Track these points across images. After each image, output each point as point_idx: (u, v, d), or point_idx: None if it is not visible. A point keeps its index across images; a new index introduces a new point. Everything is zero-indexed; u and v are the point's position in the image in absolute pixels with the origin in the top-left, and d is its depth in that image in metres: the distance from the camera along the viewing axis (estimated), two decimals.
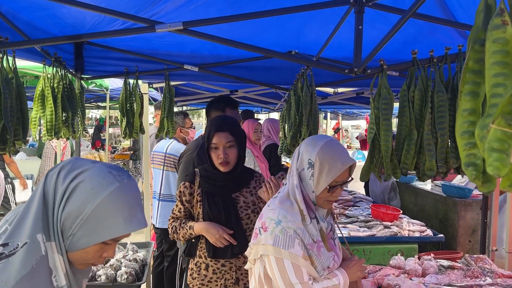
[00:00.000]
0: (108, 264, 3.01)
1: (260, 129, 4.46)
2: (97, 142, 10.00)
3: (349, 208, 5.31)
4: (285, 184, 1.84)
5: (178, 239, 2.47)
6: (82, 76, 3.42)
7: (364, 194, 6.47)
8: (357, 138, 12.54)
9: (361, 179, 1.97)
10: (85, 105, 10.33)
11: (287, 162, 7.94)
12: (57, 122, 2.72)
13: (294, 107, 2.93)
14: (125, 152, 9.33)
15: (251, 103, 7.21)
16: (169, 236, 2.53)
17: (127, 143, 10.88)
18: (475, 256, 3.23)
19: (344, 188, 6.50)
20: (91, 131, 12.13)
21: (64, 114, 2.89)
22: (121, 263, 3.02)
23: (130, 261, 3.11)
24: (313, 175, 1.71)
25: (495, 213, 3.84)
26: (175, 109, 5.00)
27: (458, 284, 2.72)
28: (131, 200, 1.14)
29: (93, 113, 14.82)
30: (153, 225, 4.30)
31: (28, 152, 8.88)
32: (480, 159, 0.92)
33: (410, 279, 2.87)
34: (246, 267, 1.90)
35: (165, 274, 4.12)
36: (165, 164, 3.98)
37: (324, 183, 1.70)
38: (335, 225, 2.01)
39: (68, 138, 2.98)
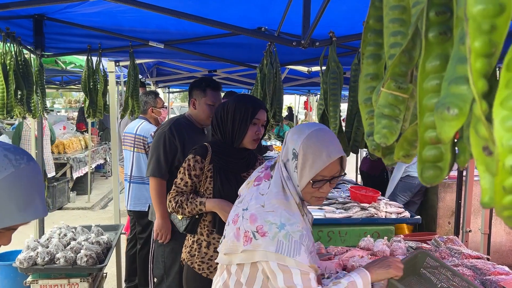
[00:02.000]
0: (68, 247, 2.94)
1: None
2: (81, 125, 9.87)
3: (330, 190, 5.24)
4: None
5: (182, 213, 2.38)
6: (43, 53, 3.29)
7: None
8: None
9: None
10: (68, 87, 10.16)
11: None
12: (9, 100, 2.61)
13: (259, 85, 2.83)
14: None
15: (235, 84, 7.08)
16: (170, 209, 2.43)
17: None
18: (445, 237, 3.18)
19: None
20: (76, 113, 11.98)
21: (19, 93, 2.77)
22: (82, 245, 2.94)
23: (92, 243, 3.04)
24: (297, 167, 1.53)
25: (469, 194, 3.79)
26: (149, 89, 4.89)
27: None
28: (28, 187, 1.06)
29: (76, 94, 14.57)
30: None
31: (10, 135, 8.75)
32: None
33: None
34: (221, 261, 1.71)
35: (138, 256, 4.06)
36: (135, 146, 3.88)
37: (307, 176, 1.51)
38: None
39: (24, 117, 2.87)
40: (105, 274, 3.52)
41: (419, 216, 4.26)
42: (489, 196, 0.45)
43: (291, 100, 17.44)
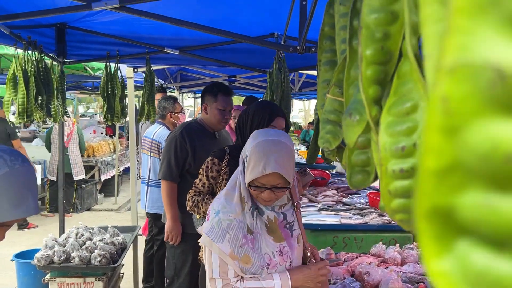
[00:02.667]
0: (84, 247, 3.04)
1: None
2: (108, 129, 10.15)
3: (349, 196, 5.18)
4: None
5: (198, 213, 2.48)
6: (65, 60, 3.44)
7: None
8: None
9: (308, 161, 1.88)
10: (98, 92, 10.48)
11: None
12: (29, 105, 2.74)
13: (269, 90, 2.86)
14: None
15: (255, 89, 7.13)
16: (188, 208, 2.53)
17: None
18: None
19: None
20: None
21: (39, 98, 2.91)
22: (97, 245, 3.04)
23: (107, 244, 3.13)
24: (243, 169, 1.64)
25: None
26: (172, 94, 4.99)
27: None
28: (21, 186, 1.13)
29: None
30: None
31: (44, 139, 9.11)
32: None
33: (386, 267, 2.77)
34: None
35: (154, 258, 4.15)
36: (152, 150, 3.98)
37: (247, 179, 1.60)
38: (295, 213, 1.88)
39: (44, 121, 3.01)
40: (121, 274, 3.62)
41: None
42: (382, 199, 0.46)
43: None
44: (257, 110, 2.34)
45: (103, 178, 8.68)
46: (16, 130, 6.65)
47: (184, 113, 4.23)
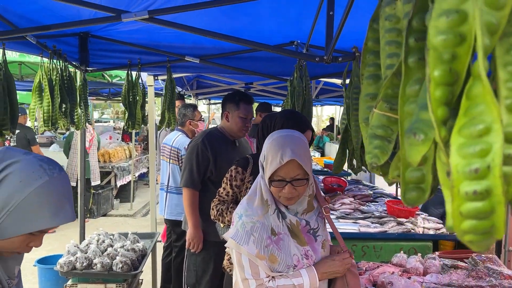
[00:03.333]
0: (105, 253, 3.07)
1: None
2: (126, 137, 10.27)
3: (367, 204, 5.14)
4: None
5: (222, 222, 2.50)
6: (87, 69, 3.50)
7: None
8: None
9: (334, 172, 1.89)
10: (115, 99, 10.61)
11: None
12: (53, 113, 2.79)
13: (290, 98, 2.87)
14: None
15: (271, 96, 7.14)
16: (212, 217, 2.56)
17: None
18: (484, 256, 3.04)
19: (365, 182, 6.33)
20: (122, 124, 12.47)
21: (63, 106, 2.96)
22: (118, 252, 3.07)
23: (128, 250, 3.16)
24: (264, 167, 1.69)
25: None
26: (189, 101, 5.03)
27: (458, 284, 2.57)
28: (59, 194, 1.16)
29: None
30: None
31: (61, 145, 9.25)
32: None
33: (409, 277, 2.74)
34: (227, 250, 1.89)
35: (173, 264, 4.17)
36: (171, 157, 4.02)
37: (267, 175, 1.65)
38: (322, 220, 1.89)
39: (68, 129, 3.06)
40: (140, 281, 3.64)
41: None
42: (452, 221, 0.46)
43: (332, 111, 17.30)
44: (287, 121, 2.30)
45: (119, 183, 8.77)
46: (36, 136, 6.76)
47: (203, 120, 4.26)
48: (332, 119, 14.62)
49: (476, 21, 0.42)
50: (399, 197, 5.65)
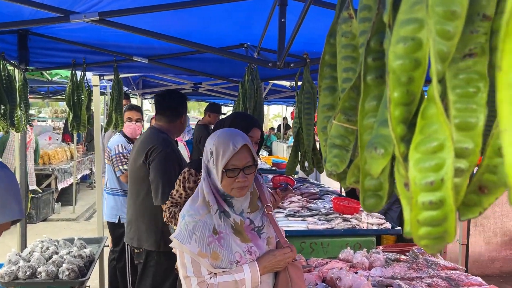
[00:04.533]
0: (50, 261, 2.94)
1: None
2: (66, 136, 9.81)
3: (314, 201, 5.29)
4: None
5: (175, 224, 2.46)
6: (27, 68, 3.32)
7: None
8: None
9: (287, 174, 1.95)
10: (54, 97, 10.11)
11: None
12: None
13: (241, 100, 2.90)
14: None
15: (220, 96, 7.15)
16: (165, 219, 2.52)
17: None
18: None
19: (311, 180, 6.53)
20: (61, 123, 11.91)
21: (2, 107, 2.80)
22: (64, 259, 2.95)
23: (75, 257, 3.04)
24: (214, 163, 1.75)
25: None
26: (134, 101, 4.91)
27: (400, 276, 2.73)
28: (3, 191, 1.14)
29: (62, 104, 14.45)
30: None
31: None
32: None
33: (356, 272, 2.88)
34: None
35: (118, 269, 4.06)
36: (106, 158, 3.96)
37: (220, 167, 1.72)
38: (266, 218, 1.96)
39: (7, 131, 2.89)
40: (88, 287, 3.52)
41: (399, 227, 4.34)
42: (410, 227, 0.51)
43: (279, 110, 17.58)
44: (234, 121, 2.37)
45: (60, 186, 8.38)
46: None
47: (129, 121, 4.12)
48: (285, 119, 14.84)
49: (431, 49, 0.48)
50: (344, 194, 5.89)
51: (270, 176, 5.77)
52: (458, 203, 0.51)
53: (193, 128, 6.59)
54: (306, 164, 1.93)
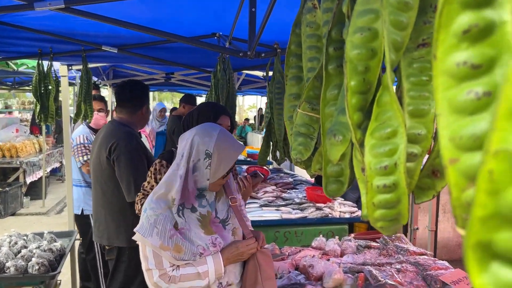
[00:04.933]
0: (19, 255, 2.88)
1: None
2: (34, 128, 9.53)
3: (288, 191, 5.34)
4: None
5: None
6: None
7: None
8: None
9: (259, 163, 1.97)
10: (21, 88, 9.79)
11: None
12: None
13: (213, 90, 2.89)
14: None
15: (193, 86, 7.09)
16: (137, 211, 2.47)
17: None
18: (393, 235, 3.35)
19: (286, 171, 6.60)
20: (29, 115, 11.56)
21: None
22: (33, 253, 2.89)
23: (45, 251, 2.99)
24: (211, 164, 1.75)
25: None
26: (105, 92, 4.81)
27: (371, 262, 2.81)
28: None
29: (30, 95, 13.99)
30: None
31: None
32: None
33: (328, 259, 2.93)
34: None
35: (88, 261, 4.01)
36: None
37: (222, 171, 1.77)
38: (232, 210, 1.98)
39: None
40: (59, 282, 3.46)
41: None
42: (366, 211, 0.53)
43: (254, 101, 17.57)
44: (202, 110, 2.39)
45: (28, 180, 8.16)
46: None
47: (95, 112, 4.08)
48: (261, 109, 14.84)
49: (385, 39, 0.49)
50: (314, 182, 5.94)
51: (245, 167, 5.79)
52: (412, 186, 0.54)
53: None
54: (278, 154, 1.95)
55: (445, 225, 5.56)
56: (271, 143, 1.92)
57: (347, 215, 4.36)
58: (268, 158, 2.08)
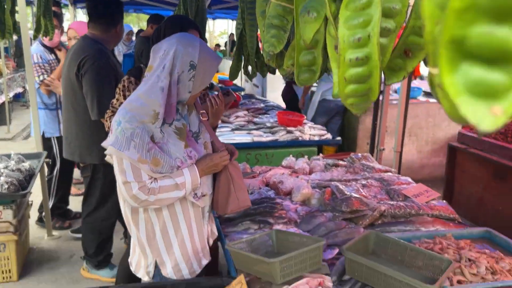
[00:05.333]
0: None
1: None
2: None
3: (259, 116, 5.37)
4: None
5: None
6: None
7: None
8: None
9: (230, 79, 1.94)
10: None
11: None
12: None
13: (181, 5, 2.75)
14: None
15: (160, 6, 6.73)
16: (106, 129, 2.46)
17: None
18: (360, 154, 3.47)
19: (258, 97, 6.60)
20: None
21: None
22: (2, 173, 2.86)
23: (13, 171, 2.95)
24: (195, 76, 1.71)
25: (384, 116, 4.10)
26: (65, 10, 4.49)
27: (338, 179, 2.93)
28: None
29: None
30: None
31: None
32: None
33: (297, 176, 3.04)
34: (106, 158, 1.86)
35: (47, 182, 4.01)
36: None
37: (205, 83, 1.76)
38: (202, 125, 1.99)
39: None
40: (30, 202, 3.48)
41: (339, 138, 4.58)
42: (338, 88, 0.53)
43: (225, 27, 16.99)
44: (168, 25, 2.27)
45: None
46: None
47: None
48: (232, 35, 14.37)
49: None
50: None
51: (216, 92, 5.73)
52: (384, 64, 0.54)
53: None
54: (250, 68, 1.92)
55: (410, 147, 5.80)
56: (243, 56, 1.87)
57: (316, 138, 4.47)
58: (239, 74, 2.05)
